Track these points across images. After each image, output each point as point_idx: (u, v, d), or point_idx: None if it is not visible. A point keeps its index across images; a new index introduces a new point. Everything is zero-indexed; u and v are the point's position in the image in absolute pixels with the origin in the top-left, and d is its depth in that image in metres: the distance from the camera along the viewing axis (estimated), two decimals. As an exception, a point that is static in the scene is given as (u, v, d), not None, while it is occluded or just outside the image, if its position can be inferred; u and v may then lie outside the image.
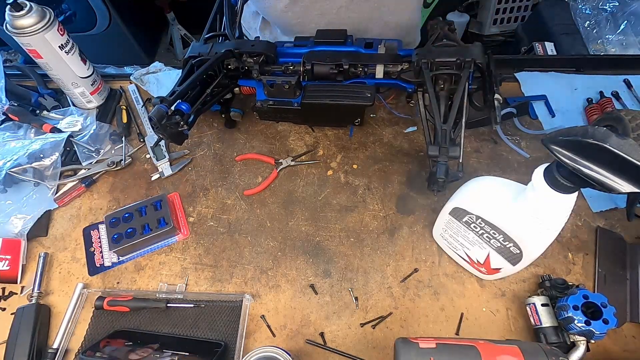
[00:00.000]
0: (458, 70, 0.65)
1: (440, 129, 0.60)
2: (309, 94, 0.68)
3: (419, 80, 0.67)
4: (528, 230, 0.51)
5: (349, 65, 0.69)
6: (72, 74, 0.75)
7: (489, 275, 0.62)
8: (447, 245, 0.65)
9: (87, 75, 0.77)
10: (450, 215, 0.59)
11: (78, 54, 0.74)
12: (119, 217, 0.67)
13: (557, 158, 0.41)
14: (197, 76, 0.66)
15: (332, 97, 0.67)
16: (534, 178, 0.47)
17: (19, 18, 0.65)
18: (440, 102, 0.64)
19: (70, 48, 0.73)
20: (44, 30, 0.67)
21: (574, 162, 0.39)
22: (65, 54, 0.72)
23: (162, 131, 0.62)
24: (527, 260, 0.54)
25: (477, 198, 0.55)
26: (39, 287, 0.64)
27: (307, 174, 0.75)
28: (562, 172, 0.43)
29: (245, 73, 0.72)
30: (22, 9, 0.65)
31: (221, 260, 0.67)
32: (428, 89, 0.63)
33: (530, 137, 0.78)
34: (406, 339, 0.47)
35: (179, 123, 0.63)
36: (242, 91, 0.76)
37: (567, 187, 0.44)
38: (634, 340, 0.59)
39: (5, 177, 0.69)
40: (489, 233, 0.55)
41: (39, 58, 0.71)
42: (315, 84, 0.70)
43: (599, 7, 1.43)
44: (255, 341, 0.60)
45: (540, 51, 1.39)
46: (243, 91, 0.76)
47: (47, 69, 0.74)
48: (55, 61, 0.72)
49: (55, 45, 0.70)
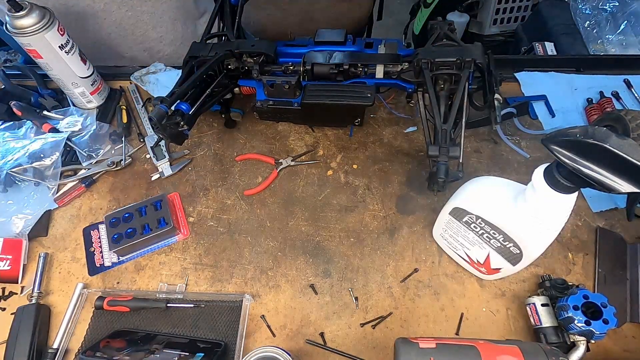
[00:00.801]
0: (458, 70, 0.65)
1: (440, 129, 0.60)
2: (309, 94, 0.68)
3: (419, 80, 0.67)
4: (528, 230, 0.51)
5: (349, 65, 0.69)
6: (72, 74, 0.75)
7: (489, 276, 0.62)
8: (447, 245, 0.65)
9: (87, 75, 0.77)
10: (450, 215, 0.59)
11: (78, 53, 0.74)
12: (119, 217, 0.67)
13: (557, 158, 0.41)
14: (198, 76, 0.66)
15: (332, 97, 0.67)
16: (534, 178, 0.47)
17: (19, 18, 0.65)
18: (440, 102, 0.64)
19: (71, 48, 0.73)
20: (44, 30, 0.67)
21: (574, 162, 0.39)
22: (65, 54, 0.72)
23: (162, 131, 0.62)
24: (527, 260, 0.54)
25: (477, 198, 0.55)
26: (39, 287, 0.64)
27: (307, 174, 0.75)
28: (562, 172, 0.43)
29: (245, 73, 0.72)
30: (22, 9, 0.65)
31: (221, 260, 0.67)
32: (428, 89, 0.63)
33: (530, 137, 0.78)
34: (406, 339, 0.47)
35: (179, 123, 0.63)
36: (242, 91, 0.76)
37: (567, 187, 0.44)
38: (634, 340, 0.59)
39: (6, 177, 0.69)
40: (488, 233, 0.55)
41: (39, 58, 0.71)
42: (315, 84, 0.70)
43: (599, 7, 1.43)
44: (255, 341, 0.60)
45: (540, 51, 1.39)
46: (243, 91, 0.76)
47: (47, 69, 0.74)
48: (56, 61, 0.72)
49: (55, 45, 0.70)
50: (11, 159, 0.70)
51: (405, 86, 0.69)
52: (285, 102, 0.70)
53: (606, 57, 1.25)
